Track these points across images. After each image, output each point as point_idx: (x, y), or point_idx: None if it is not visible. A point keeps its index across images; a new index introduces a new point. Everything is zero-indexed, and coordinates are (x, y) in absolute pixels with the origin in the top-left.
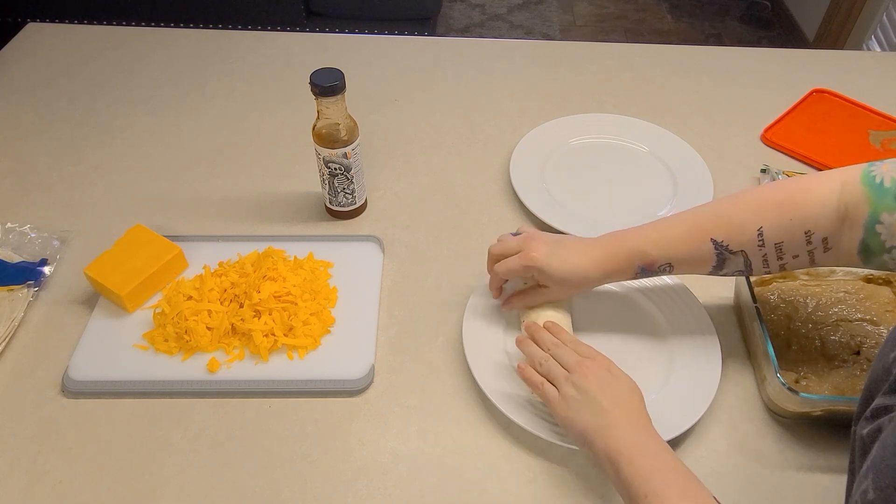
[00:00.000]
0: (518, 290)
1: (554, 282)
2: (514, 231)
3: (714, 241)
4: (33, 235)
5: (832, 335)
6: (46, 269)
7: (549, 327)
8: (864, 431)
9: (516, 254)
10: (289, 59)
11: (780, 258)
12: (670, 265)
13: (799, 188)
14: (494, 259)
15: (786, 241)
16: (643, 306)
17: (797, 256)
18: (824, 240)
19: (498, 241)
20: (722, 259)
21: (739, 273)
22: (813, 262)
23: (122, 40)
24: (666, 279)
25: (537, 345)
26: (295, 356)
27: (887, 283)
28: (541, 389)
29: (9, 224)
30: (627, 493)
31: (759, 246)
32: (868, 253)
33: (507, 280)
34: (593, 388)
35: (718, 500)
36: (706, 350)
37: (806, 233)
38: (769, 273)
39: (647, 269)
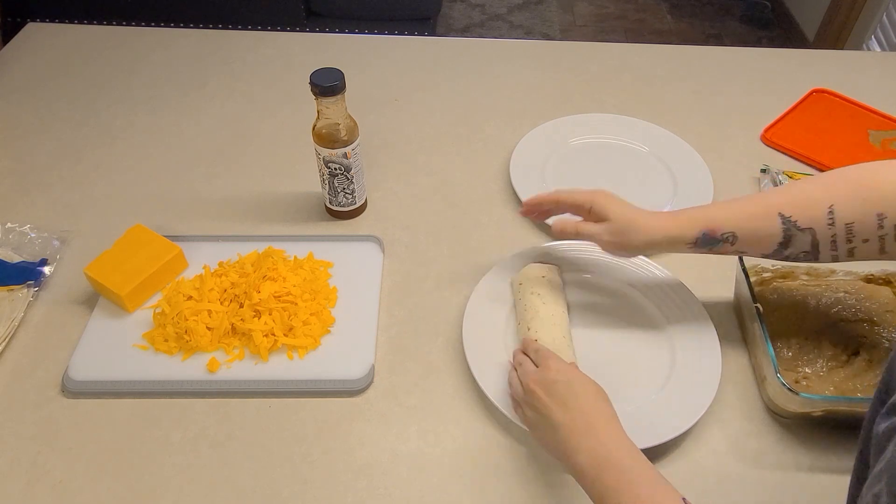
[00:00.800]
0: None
1: (613, 218)
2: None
3: (782, 216)
4: (33, 235)
5: (832, 335)
6: (46, 269)
7: (525, 341)
8: (881, 428)
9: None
10: (289, 59)
11: (849, 241)
12: (734, 235)
13: (875, 170)
14: (559, 197)
15: (857, 222)
16: (643, 306)
17: (867, 241)
18: None
19: (570, 192)
20: (789, 236)
21: (805, 256)
22: (882, 251)
23: (122, 40)
24: (664, 279)
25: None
26: (295, 356)
27: (887, 283)
28: (518, 411)
29: (9, 224)
30: None
31: (828, 225)
32: None
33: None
34: (543, 402)
35: (688, 501)
36: (706, 350)
37: (878, 215)
38: (836, 260)
39: (710, 236)
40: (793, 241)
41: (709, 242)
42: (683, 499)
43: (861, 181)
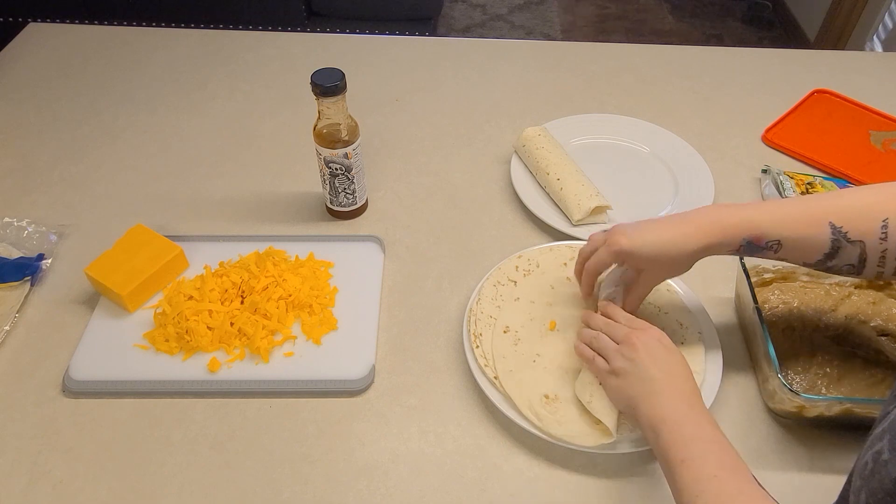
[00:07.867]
0: (612, 296)
1: (646, 262)
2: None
3: (832, 226)
4: (31, 230)
5: (832, 336)
6: (44, 264)
7: (603, 307)
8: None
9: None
10: (290, 60)
11: None
12: (779, 243)
13: None
14: (584, 259)
15: None
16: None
17: None
18: None
19: (588, 240)
20: (836, 247)
21: (849, 269)
22: None
23: (122, 40)
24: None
25: (591, 328)
26: (295, 356)
27: (887, 284)
28: (592, 363)
29: (6, 219)
30: (665, 459)
31: (881, 239)
32: None
33: (599, 282)
34: (642, 357)
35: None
36: (706, 350)
37: None
38: (880, 278)
39: (754, 244)
40: (840, 253)
41: (752, 251)
42: (752, 474)
43: None
